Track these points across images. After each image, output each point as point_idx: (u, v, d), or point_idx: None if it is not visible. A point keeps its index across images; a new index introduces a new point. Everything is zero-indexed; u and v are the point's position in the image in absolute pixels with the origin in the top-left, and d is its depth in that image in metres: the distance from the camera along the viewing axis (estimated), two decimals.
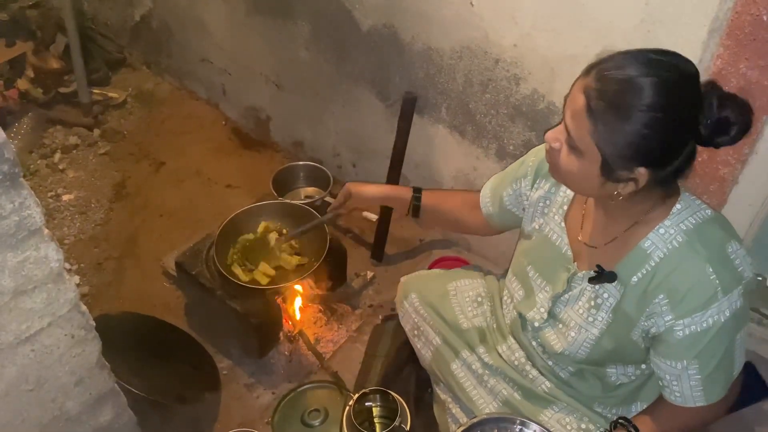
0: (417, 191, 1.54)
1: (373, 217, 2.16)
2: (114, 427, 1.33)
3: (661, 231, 1.08)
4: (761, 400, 1.52)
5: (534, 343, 1.33)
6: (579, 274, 1.20)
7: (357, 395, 1.46)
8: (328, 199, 2.16)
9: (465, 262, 2.05)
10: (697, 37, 1.29)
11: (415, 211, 1.55)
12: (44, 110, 2.73)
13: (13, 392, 1.08)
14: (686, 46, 1.21)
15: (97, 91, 2.85)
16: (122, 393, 1.33)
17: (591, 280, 1.16)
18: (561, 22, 1.50)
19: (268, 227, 1.90)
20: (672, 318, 1.07)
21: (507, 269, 1.44)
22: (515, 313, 1.36)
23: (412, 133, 1.96)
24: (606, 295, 1.16)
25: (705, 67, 1.31)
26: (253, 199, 2.04)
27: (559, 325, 1.25)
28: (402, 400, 1.44)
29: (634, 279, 1.11)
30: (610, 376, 1.24)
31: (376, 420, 1.51)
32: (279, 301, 1.85)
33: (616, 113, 0.96)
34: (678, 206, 1.08)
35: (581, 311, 1.20)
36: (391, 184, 2.00)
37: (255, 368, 1.85)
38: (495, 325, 1.47)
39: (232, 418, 1.72)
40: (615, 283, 1.13)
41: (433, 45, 1.80)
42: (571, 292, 1.22)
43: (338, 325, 1.97)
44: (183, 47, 2.76)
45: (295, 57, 2.23)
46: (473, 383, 1.42)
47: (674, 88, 0.95)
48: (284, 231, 1.89)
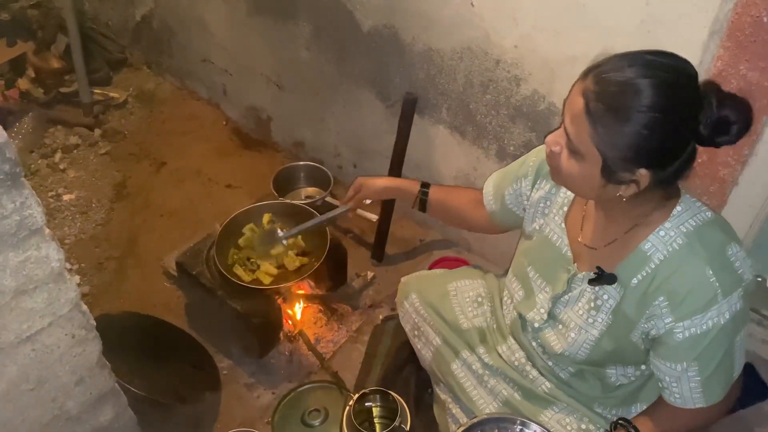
0: (425, 186, 1.57)
1: (374, 217, 2.16)
2: (114, 427, 1.33)
3: (662, 233, 1.08)
4: (761, 401, 1.52)
5: (534, 344, 1.33)
6: (579, 275, 1.20)
7: (357, 395, 1.46)
8: (328, 199, 2.16)
9: (465, 262, 2.05)
10: (698, 39, 1.29)
11: (422, 205, 1.57)
12: (45, 110, 2.73)
13: (14, 391, 1.08)
14: (687, 48, 1.21)
15: (98, 91, 2.85)
16: (122, 392, 1.33)
17: (591, 282, 1.16)
18: (561, 22, 1.50)
19: (271, 218, 1.89)
20: (672, 320, 1.07)
21: (507, 269, 1.44)
22: (515, 314, 1.36)
23: (412, 133, 1.96)
24: (606, 297, 1.16)
25: (705, 68, 1.31)
26: (254, 199, 2.04)
27: (559, 326, 1.25)
28: (402, 401, 1.44)
29: (634, 281, 1.11)
30: (609, 376, 1.25)
31: (376, 420, 1.51)
32: (279, 301, 1.85)
33: (615, 115, 0.96)
34: (678, 208, 1.08)
35: (581, 312, 1.20)
36: None
37: (255, 368, 1.85)
38: (495, 326, 1.47)
39: (232, 418, 1.72)
40: (615, 285, 1.13)
41: (434, 46, 1.80)
42: (571, 293, 1.22)
43: (338, 325, 1.97)
44: (184, 47, 2.76)
45: (296, 57, 2.23)
46: (473, 383, 1.42)
47: (672, 88, 0.95)
48: (284, 229, 1.89)
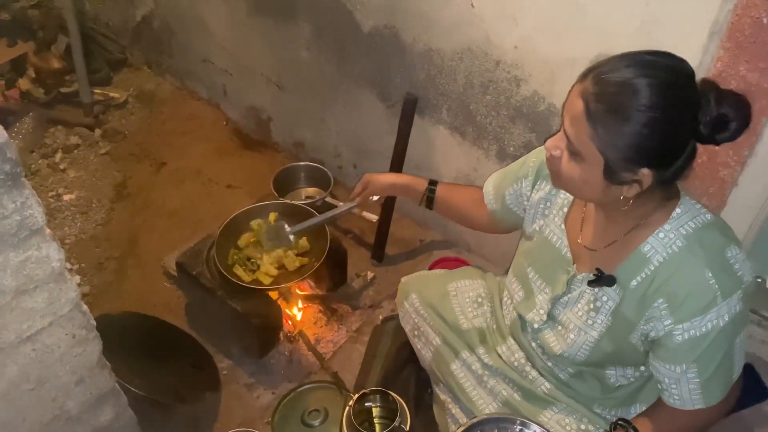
0: (433, 183, 1.57)
1: (374, 217, 2.16)
2: (114, 427, 1.33)
3: (661, 235, 1.08)
4: (760, 401, 1.53)
5: (533, 345, 1.33)
6: (578, 276, 1.20)
7: (357, 395, 1.46)
8: (328, 199, 2.16)
9: (465, 263, 2.05)
10: (698, 40, 1.29)
11: (429, 202, 1.57)
12: (45, 110, 2.74)
13: (14, 391, 1.08)
14: (687, 49, 1.21)
15: (98, 91, 2.85)
16: (123, 392, 1.33)
17: (590, 283, 1.16)
18: (562, 24, 1.50)
19: (278, 216, 1.89)
20: (671, 322, 1.07)
21: (507, 269, 1.44)
22: (515, 314, 1.36)
23: (412, 134, 1.96)
24: (605, 298, 1.16)
25: (705, 69, 1.31)
26: (254, 199, 2.04)
27: (559, 327, 1.25)
28: (402, 401, 1.44)
29: (634, 283, 1.11)
30: (609, 377, 1.25)
31: (376, 420, 1.51)
32: (279, 301, 1.85)
33: (614, 115, 0.96)
34: (678, 210, 1.08)
35: (580, 314, 1.20)
36: None
37: (255, 368, 1.85)
38: (495, 326, 1.47)
39: (232, 418, 1.72)
40: (614, 287, 1.13)
41: (434, 46, 1.80)
42: (570, 295, 1.22)
43: (338, 325, 1.97)
44: (184, 47, 2.76)
45: (296, 57, 2.24)
46: (473, 384, 1.42)
47: (670, 87, 0.96)
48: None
